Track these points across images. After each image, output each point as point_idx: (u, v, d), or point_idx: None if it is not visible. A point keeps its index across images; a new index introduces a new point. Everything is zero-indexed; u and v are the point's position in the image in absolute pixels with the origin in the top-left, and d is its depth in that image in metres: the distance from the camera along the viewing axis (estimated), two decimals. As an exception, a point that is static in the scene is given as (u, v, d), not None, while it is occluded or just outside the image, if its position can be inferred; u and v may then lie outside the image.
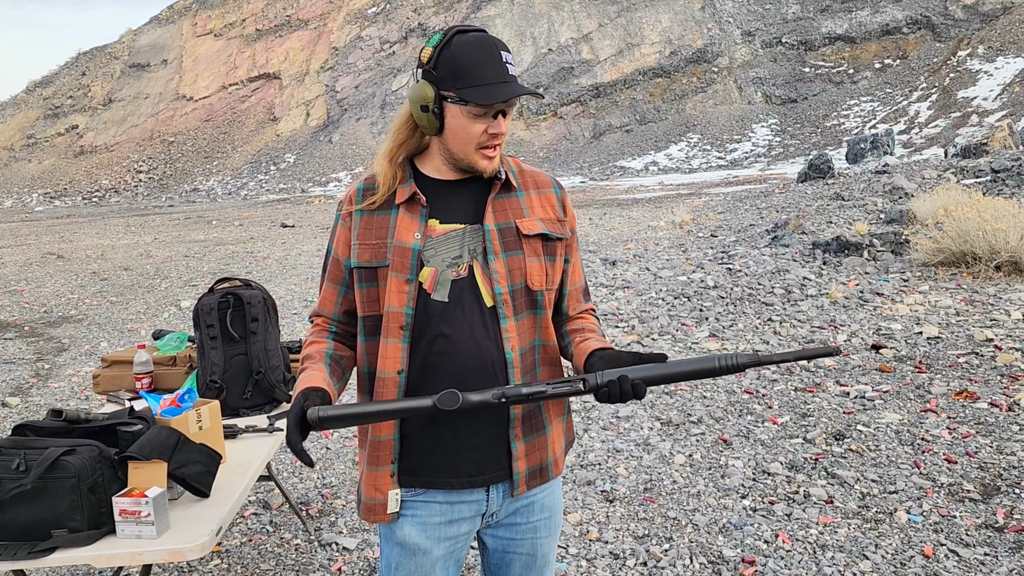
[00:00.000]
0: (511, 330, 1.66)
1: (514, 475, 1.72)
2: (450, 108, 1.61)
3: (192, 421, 2.50)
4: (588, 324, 1.84)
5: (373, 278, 1.67)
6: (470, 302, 1.65)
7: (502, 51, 1.59)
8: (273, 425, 2.90)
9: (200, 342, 3.10)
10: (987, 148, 18.90)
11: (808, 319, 6.83)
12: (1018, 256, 7.53)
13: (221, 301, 3.11)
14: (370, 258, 1.67)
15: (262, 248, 17.00)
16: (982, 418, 4.56)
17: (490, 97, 1.55)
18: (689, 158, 44.70)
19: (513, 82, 1.60)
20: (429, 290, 1.64)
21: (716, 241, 11.51)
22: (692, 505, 3.76)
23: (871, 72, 47.56)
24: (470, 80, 1.57)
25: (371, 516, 1.72)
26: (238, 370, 3.09)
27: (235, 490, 2.42)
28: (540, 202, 1.76)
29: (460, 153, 1.64)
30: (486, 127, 1.61)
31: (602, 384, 1.55)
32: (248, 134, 60.93)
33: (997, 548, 3.22)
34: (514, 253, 1.68)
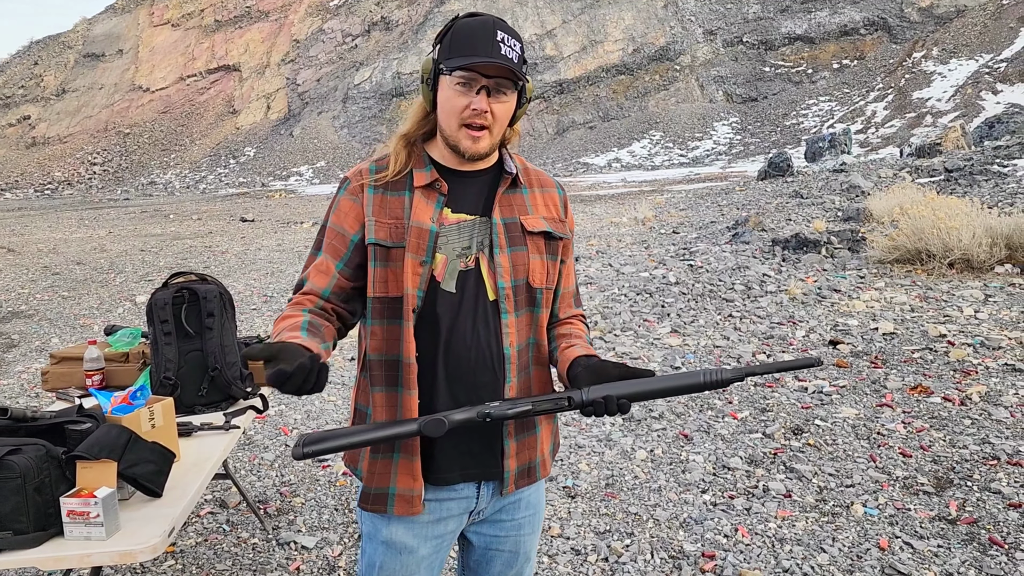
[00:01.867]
0: (511, 325, 1.67)
1: (504, 473, 1.71)
2: (442, 80, 1.62)
3: (144, 419, 2.44)
4: (575, 330, 1.83)
5: (387, 258, 1.64)
6: (475, 295, 1.65)
7: (500, 30, 1.59)
8: (230, 423, 2.84)
9: (154, 338, 3.03)
10: (941, 148, 19.30)
11: (768, 315, 6.91)
12: (970, 254, 7.69)
13: (176, 296, 3.04)
14: (387, 237, 1.64)
15: (221, 242, 16.74)
16: (935, 412, 4.64)
17: (466, 63, 1.55)
18: (651, 155, 45.01)
19: (499, 56, 1.57)
20: (439, 278, 1.64)
21: (678, 238, 11.59)
22: (653, 500, 3.77)
23: (829, 72, 48.33)
24: (459, 51, 1.58)
25: (405, 508, 1.68)
26: (193, 366, 3.02)
27: (189, 489, 2.36)
28: (544, 201, 1.77)
29: (447, 129, 1.64)
30: (468, 103, 1.60)
31: (587, 401, 1.53)
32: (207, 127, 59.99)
33: (950, 540, 3.28)
34: (518, 249, 1.68)
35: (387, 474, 1.69)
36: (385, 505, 1.70)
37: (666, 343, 6.33)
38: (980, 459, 3.99)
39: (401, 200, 1.66)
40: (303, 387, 1.41)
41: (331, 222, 1.72)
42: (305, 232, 18.58)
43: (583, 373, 1.61)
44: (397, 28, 60.28)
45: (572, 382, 1.64)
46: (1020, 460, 3.93)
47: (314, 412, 5.25)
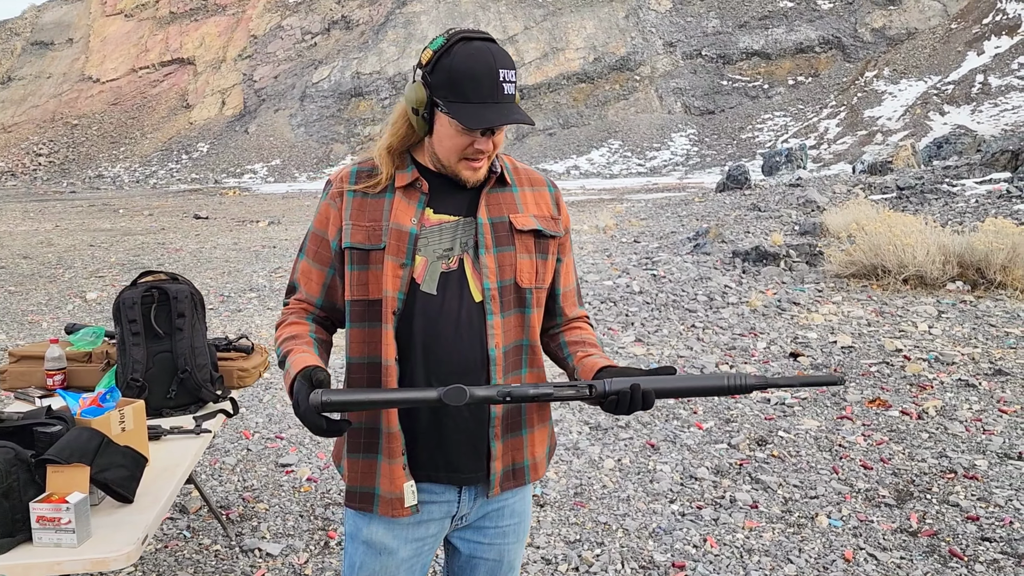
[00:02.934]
0: (496, 327, 1.64)
1: (491, 475, 1.69)
2: (439, 116, 1.59)
3: (115, 422, 2.36)
4: (588, 336, 1.81)
5: (365, 261, 1.63)
6: (457, 296, 1.63)
7: (501, 68, 1.55)
8: (200, 426, 2.77)
9: (121, 338, 2.94)
10: (892, 166, 19.80)
11: (730, 326, 6.99)
12: (924, 271, 7.89)
13: (145, 295, 2.95)
14: (364, 240, 1.63)
15: (174, 239, 16.40)
16: (894, 425, 4.74)
17: (476, 120, 1.52)
18: (610, 163, 45.38)
19: (507, 104, 1.56)
20: (419, 280, 1.63)
21: (639, 247, 11.69)
22: (622, 510, 3.78)
23: (784, 88, 49.29)
24: (461, 95, 1.54)
25: (389, 510, 1.67)
26: (162, 368, 2.94)
27: (161, 495, 2.29)
28: (534, 199, 1.75)
29: (444, 159, 1.63)
30: (472, 142, 1.59)
31: (611, 392, 1.53)
32: (159, 120, 58.84)
33: (912, 552, 3.35)
34: (505, 248, 1.66)
35: (371, 474, 1.68)
36: (371, 504, 1.69)
37: (631, 352, 6.37)
38: (938, 472, 4.09)
39: (381, 202, 1.66)
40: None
41: (314, 227, 1.73)
42: (262, 231, 18.30)
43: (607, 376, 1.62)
44: (357, 28, 59.84)
45: None
46: (976, 474, 4.03)
47: (276, 416, 5.16)
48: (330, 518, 3.75)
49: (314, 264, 1.72)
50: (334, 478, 4.19)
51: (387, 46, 56.67)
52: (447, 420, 1.65)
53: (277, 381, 5.82)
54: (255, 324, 7.91)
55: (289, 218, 22.18)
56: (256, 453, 4.55)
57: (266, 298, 9.38)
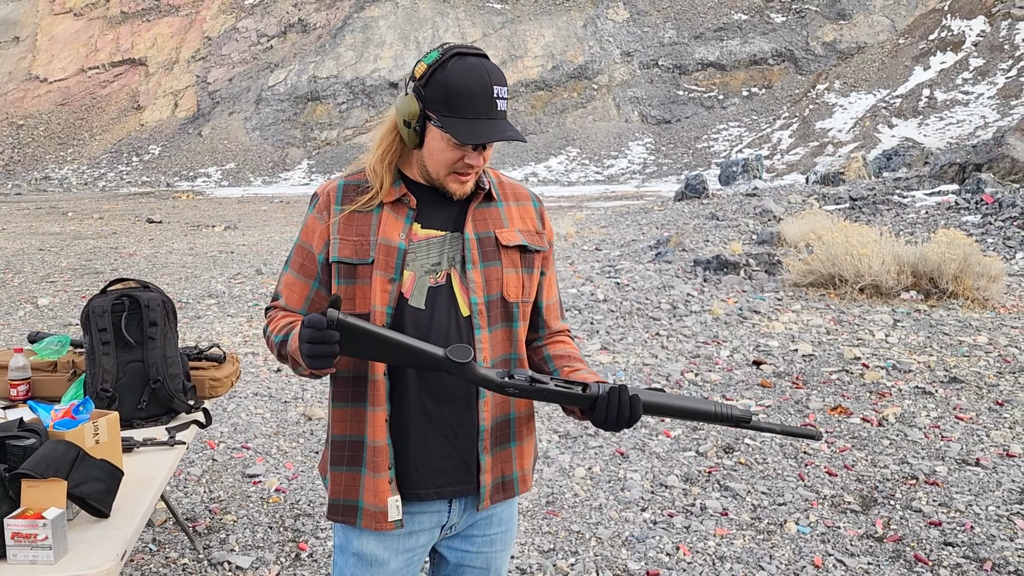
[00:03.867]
0: (484, 341, 1.66)
1: (480, 488, 1.71)
2: (431, 130, 1.61)
3: (89, 434, 2.30)
4: (573, 351, 1.83)
5: (352, 275, 1.64)
6: (446, 311, 1.65)
7: (495, 85, 1.58)
8: (174, 437, 2.71)
9: (90, 347, 2.86)
10: (844, 177, 20.25)
11: (693, 334, 7.08)
12: (880, 280, 8.08)
13: (115, 303, 2.88)
14: (351, 254, 1.64)
15: (127, 244, 16.05)
16: (856, 432, 4.84)
17: (471, 136, 1.55)
18: (568, 171, 45.67)
19: (500, 120, 1.59)
20: (407, 295, 1.64)
21: (601, 255, 11.77)
22: (595, 518, 3.80)
23: (739, 99, 50.13)
24: (456, 110, 1.56)
25: (373, 523, 1.67)
26: (132, 378, 2.87)
27: (137, 509, 2.24)
28: (519, 214, 1.77)
29: (433, 173, 1.65)
30: (463, 156, 1.61)
31: (603, 394, 1.55)
32: (108, 121, 57.60)
33: (879, 557, 3.42)
34: (492, 263, 1.68)
35: (354, 487, 1.69)
36: (354, 517, 1.70)
37: (596, 360, 6.40)
38: (900, 479, 4.18)
39: (369, 217, 1.66)
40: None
41: (300, 239, 1.74)
42: (218, 236, 18.00)
43: None
44: (314, 31, 59.34)
45: None
46: (937, 480, 4.13)
47: (241, 425, 5.07)
48: (300, 529, 3.70)
49: (299, 277, 1.73)
50: (303, 488, 4.14)
51: (344, 50, 56.27)
52: (436, 435, 1.67)
53: (242, 391, 5.73)
54: (216, 331, 7.77)
55: (245, 223, 21.86)
56: (222, 463, 4.47)
57: (226, 304, 9.23)
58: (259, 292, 10.00)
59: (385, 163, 1.67)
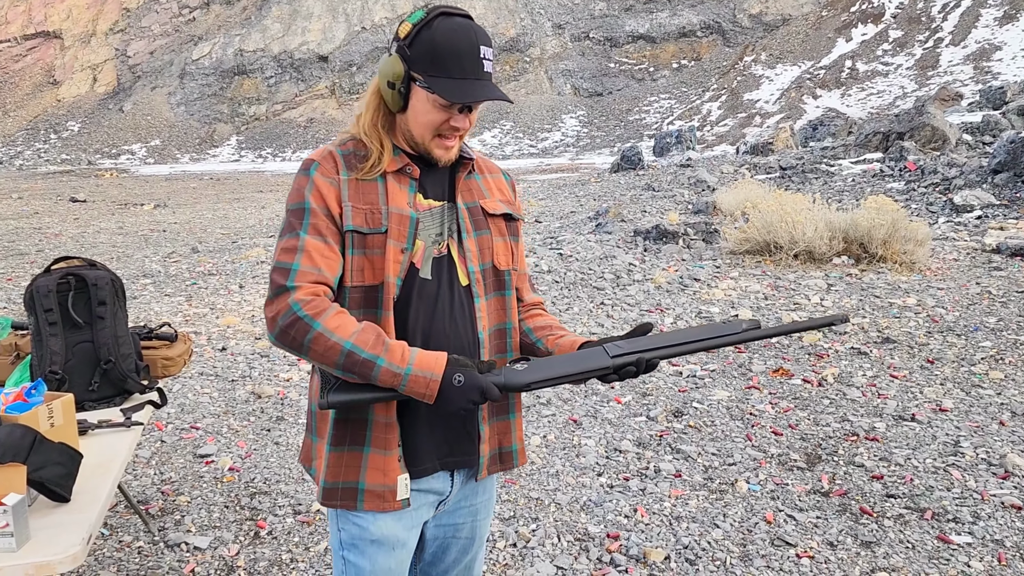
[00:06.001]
0: (483, 310, 1.67)
1: (480, 458, 1.70)
2: (417, 91, 1.58)
3: (43, 417, 2.23)
4: (552, 320, 1.83)
5: (363, 245, 1.58)
6: (449, 281, 1.64)
7: (482, 45, 1.56)
8: (130, 418, 2.65)
9: (36, 328, 2.77)
10: (772, 147, 20.73)
11: (637, 303, 7.19)
12: (813, 246, 8.32)
13: (61, 283, 2.79)
14: (363, 223, 1.58)
15: (51, 224, 15.44)
16: (798, 393, 5.01)
17: (458, 95, 1.52)
18: (503, 144, 45.57)
19: (487, 81, 1.57)
20: (418, 265, 1.61)
21: (542, 227, 11.82)
22: (553, 485, 3.85)
23: (669, 71, 50.63)
24: (443, 70, 1.53)
25: (378, 504, 1.62)
26: (82, 359, 2.79)
27: (100, 493, 2.19)
28: (495, 185, 1.78)
29: (418, 137, 1.62)
30: (448, 118, 1.58)
31: (621, 363, 1.58)
32: (23, 97, 55.02)
33: (826, 511, 3.56)
34: (483, 232, 1.69)
35: (355, 468, 1.62)
36: (354, 500, 1.62)
37: (544, 331, 6.45)
38: (842, 435, 4.35)
39: (374, 186, 1.62)
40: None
41: (312, 202, 1.57)
42: (148, 215, 17.45)
43: None
44: (239, 3, 57.55)
45: None
46: (876, 436, 4.31)
47: (188, 405, 4.97)
48: (257, 507, 3.66)
49: (326, 241, 1.56)
50: (257, 467, 4.09)
51: (271, 23, 54.79)
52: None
53: (186, 371, 5.59)
54: (153, 311, 7.56)
55: (176, 201, 21.24)
56: (171, 444, 4.38)
57: (162, 284, 8.98)
58: (196, 271, 9.75)
59: (378, 126, 1.64)
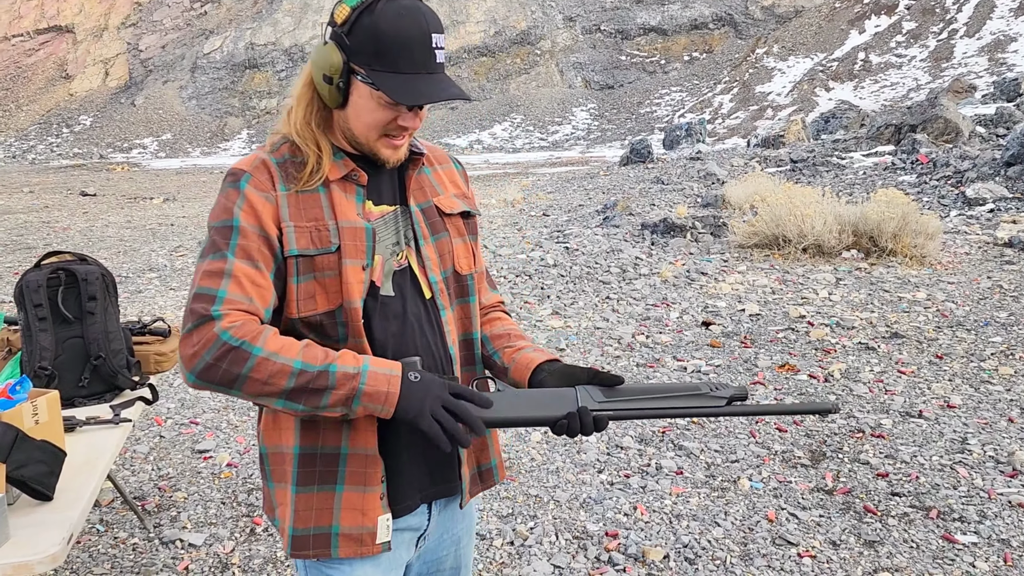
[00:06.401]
0: (450, 322, 1.50)
1: (462, 483, 1.54)
2: (358, 86, 1.37)
3: (27, 414, 2.20)
4: (511, 327, 1.63)
5: (312, 269, 1.38)
6: (413, 295, 1.46)
7: (434, 32, 1.35)
8: (119, 415, 2.62)
9: (26, 324, 2.74)
10: (784, 140, 20.56)
11: (643, 297, 7.13)
12: (822, 240, 8.23)
13: (51, 277, 2.76)
14: (309, 244, 1.37)
15: (60, 218, 15.49)
16: (803, 388, 4.94)
17: (409, 94, 1.33)
18: (513, 138, 45.48)
19: (440, 75, 1.37)
20: (379, 282, 1.42)
21: (549, 220, 11.76)
22: (552, 482, 3.81)
23: (681, 64, 50.37)
24: (389, 63, 1.33)
25: (355, 549, 1.41)
26: (72, 355, 2.76)
27: (84, 491, 2.15)
28: (447, 177, 1.60)
29: (361, 137, 1.41)
30: (396, 117, 1.38)
31: (561, 421, 1.39)
32: (36, 92, 55.30)
33: (830, 510, 3.50)
34: (441, 236, 1.51)
35: (327, 510, 1.41)
36: (328, 548, 1.41)
37: (548, 325, 6.41)
38: (847, 432, 4.28)
39: (316, 198, 1.41)
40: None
41: (243, 220, 1.35)
42: (156, 208, 17.49)
43: (551, 381, 1.45)
44: (250, -4, 57.60)
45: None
46: (882, 432, 4.24)
47: (188, 400, 4.95)
48: (254, 504, 3.63)
49: (258, 267, 1.34)
50: (255, 463, 4.06)
51: (282, 16, 54.83)
52: (418, 438, 1.43)
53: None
54: (158, 305, 7.56)
55: (185, 195, 21.29)
56: (170, 440, 4.36)
57: (167, 278, 8.99)
58: (201, 265, 9.75)
59: (312, 125, 1.43)
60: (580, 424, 1.36)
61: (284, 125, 1.45)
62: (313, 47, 1.43)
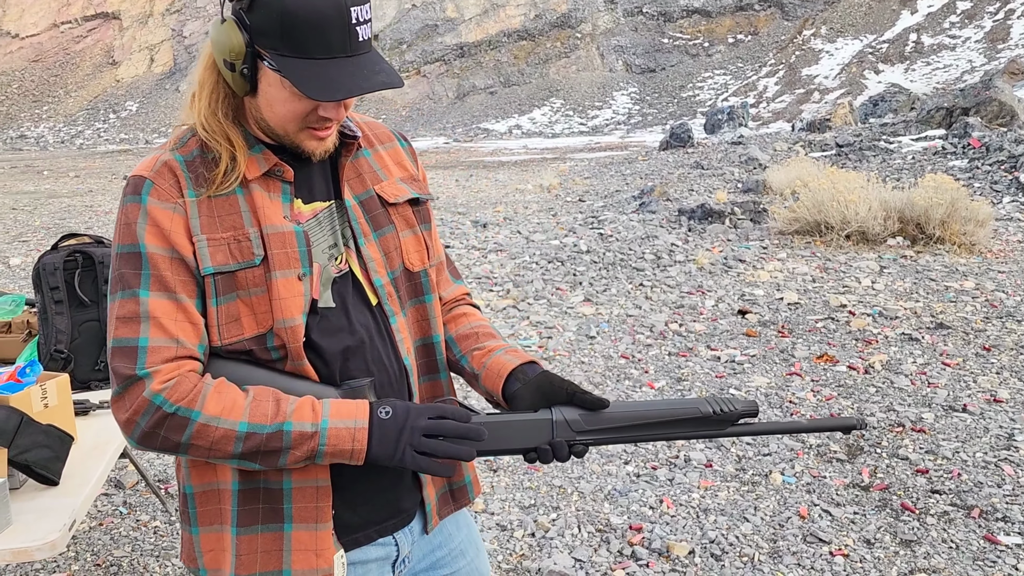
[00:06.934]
0: (402, 330, 1.31)
1: (426, 505, 1.37)
2: (266, 72, 1.16)
3: (36, 398, 2.18)
4: (479, 324, 1.44)
5: (234, 287, 1.18)
6: (357, 303, 1.27)
7: (353, 6, 1.12)
8: (132, 400, 2.59)
9: (42, 306, 2.73)
10: (830, 124, 20.08)
11: (677, 284, 6.98)
12: (866, 227, 7.98)
13: (67, 260, 2.74)
14: (227, 259, 1.18)
15: (103, 202, 15.75)
16: (842, 380, 4.78)
17: (324, 88, 1.12)
18: (552, 123, 45.20)
19: (362, 57, 1.15)
20: (315, 293, 1.22)
21: (584, 206, 11.62)
22: (577, 473, 3.73)
23: (724, 47, 49.51)
24: (298, 47, 1.12)
25: None
26: (89, 338, 2.75)
27: (90, 476, 2.13)
28: (392, 159, 1.39)
29: (278, 129, 1.21)
30: (315, 107, 1.17)
31: (543, 448, 1.24)
32: (83, 78, 56.42)
33: (865, 507, 3.36)
34: (385, 231, 1.31)
35: (275, 552, 1.22)
36: None
37: (580, 312, 6.31)
38: (886, 426, 4.12)
39: (233, 201, 1.20)
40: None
41: (149, 244, 1.16)
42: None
43: (526, 394, 1.27)
44: (292, -18, 57.98)
45: (512, 402, 1.29)
46: (923, 427, 4.07)
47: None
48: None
49: (177, 298, 1.16)
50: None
51: None
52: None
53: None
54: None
55: (225, 179, 21.52)
56: (195, 424, 4.36)
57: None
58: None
59: (219, 116, 1.21)
60: (553, 454, 1.23)
61: (188, 115, 1.25)
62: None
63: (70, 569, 3.05)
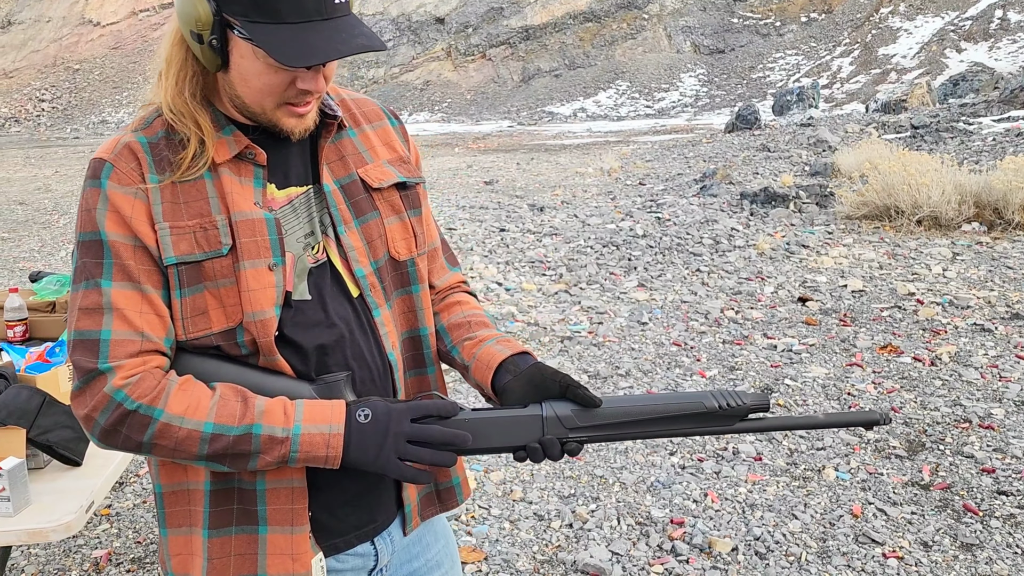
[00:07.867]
0: (387, 323, 1.23)
1: (405, 506, 1.28)
2: (237, 43, 1.07)
3: (63, 378, 2.19)
4: (473, 313, 1.36)
5: (200, 278, 1.11)
6: (336, 295, 1.19)
7: None
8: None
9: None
10: (906, 105, 19.30)
11: (736, 270, 6.77)
12: (939, 212, 7.61)
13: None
14: (193, 248, 1.10)
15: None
16: (906, 372, 4.55)
17: (298, 54, 1.03)
18: (617, 106, 44.65)
19: (340, 20, 1.07)
20: (289, 285, 1.14)
21: (644, 189, 11.40)
22: (619, 463, 3.63)
23: (797, 26, 48.07)
24: (270, 12, 1.03)
25: None
26: (124, 319, 2.76)
27: (113, 457, 2.13)
28: (380, 139, 1.30)
29: (254, 106, 1.13)
30: (292, 79, 1.09)
31: (532, 446, 1.14)
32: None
33: (924, 507, 3.19)
34: (368, 217, 1.23)
35: (250, 556, 1.15)
36: None
37: (633, 297, 6.17)
38: (952, 422, 3.91)
39: (200, 187, 1.13)
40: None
41: (110, 232, 1.09)
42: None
43: (515, 385, 1.19)
44: (360, -33, 58.49)
45: (502, 396, 1.21)
46: (992, 423, 3.85)
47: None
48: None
49: (142, 288, 1.09)
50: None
51: (390, -14, 55.38)
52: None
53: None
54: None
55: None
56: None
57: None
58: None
59: (187, 95, 1.13)
60: (544, 453, 1.14)
61: (155, 94, 1.18)
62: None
63: (111, 546, 3.10)
